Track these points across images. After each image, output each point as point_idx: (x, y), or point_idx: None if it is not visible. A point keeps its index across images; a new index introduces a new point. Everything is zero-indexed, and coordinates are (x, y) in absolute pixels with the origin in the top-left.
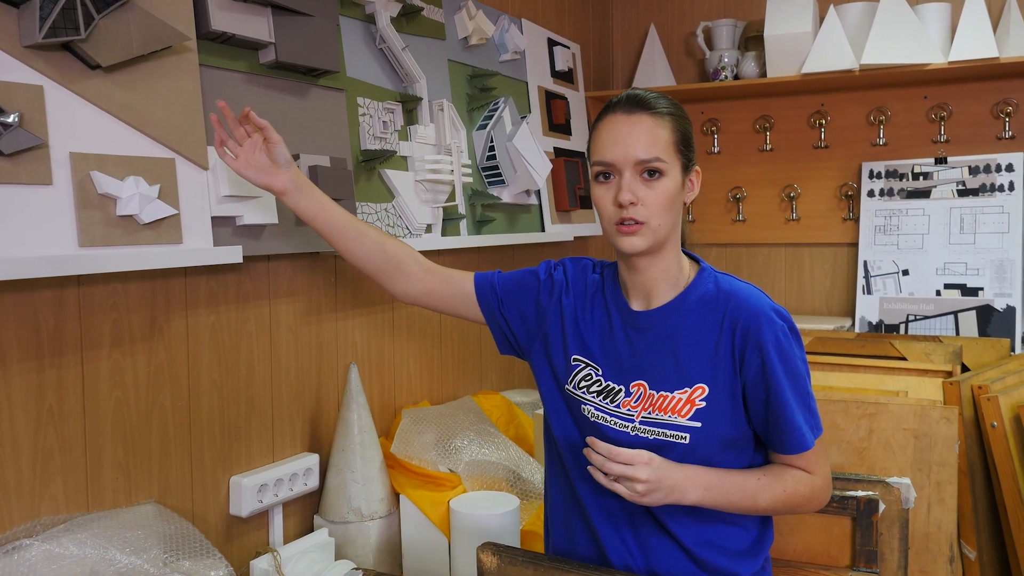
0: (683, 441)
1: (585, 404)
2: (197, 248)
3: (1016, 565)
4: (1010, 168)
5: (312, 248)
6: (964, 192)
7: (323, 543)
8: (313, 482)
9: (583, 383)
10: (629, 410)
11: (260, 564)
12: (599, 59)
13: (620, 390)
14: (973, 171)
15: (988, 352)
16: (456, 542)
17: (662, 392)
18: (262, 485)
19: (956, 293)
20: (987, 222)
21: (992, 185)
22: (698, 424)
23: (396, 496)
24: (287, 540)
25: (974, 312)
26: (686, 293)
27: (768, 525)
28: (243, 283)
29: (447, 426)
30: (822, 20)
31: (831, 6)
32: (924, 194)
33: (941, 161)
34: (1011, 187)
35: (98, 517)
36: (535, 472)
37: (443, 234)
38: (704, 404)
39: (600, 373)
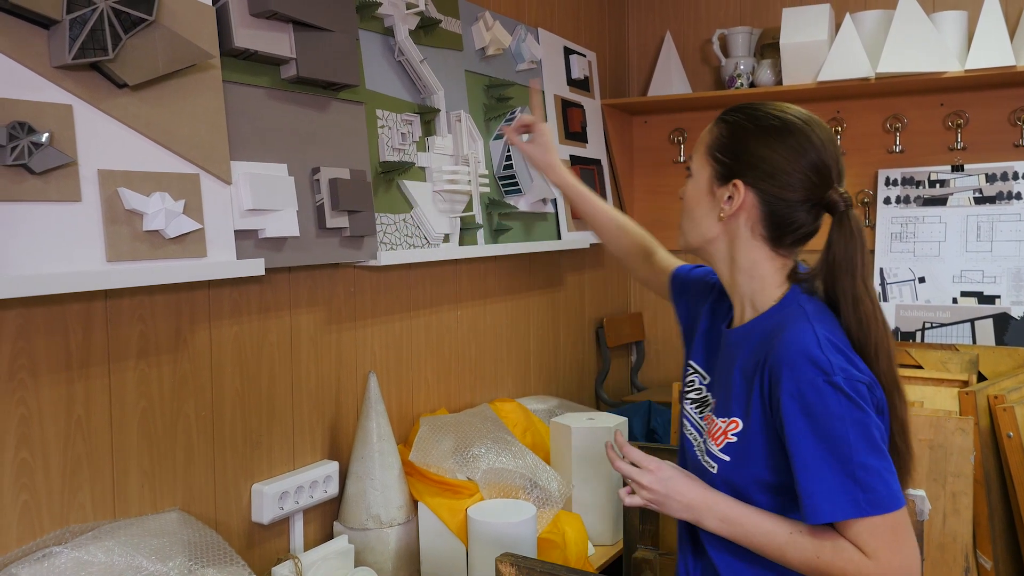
0: (711, 470)
1: (683, 411)
2: (221, 261)
3: None
4: None
5: (332, 259)
6: (981, 200)
7: (343, 550)
8: (333, 489)
9: (688, 387)
10: (704, 424)
11: (281, 571)
12: (615, 67)
13: (712, 404)
14: (990, 178)
15: (1005, 361)
16: (473, 550)
17: (713, 416)
18: (283, 492)
19: (973, 301)
20: (1004, 229)
21: (1009, 193)
22: (726, 458)
23: (414, 503)
24: (307, 547)
25: (991, 320)
26: (758, 321)
27: None
28: (265, 294)
29: (464, 434)
30: (838, 28)
31: (847, 14)
32: (941, 201)
33: (958, 168)
34: None
35: (124, 525)
36: (552, 480)
37: (460, 243)
38: (735, 439)
39: (706, 382)
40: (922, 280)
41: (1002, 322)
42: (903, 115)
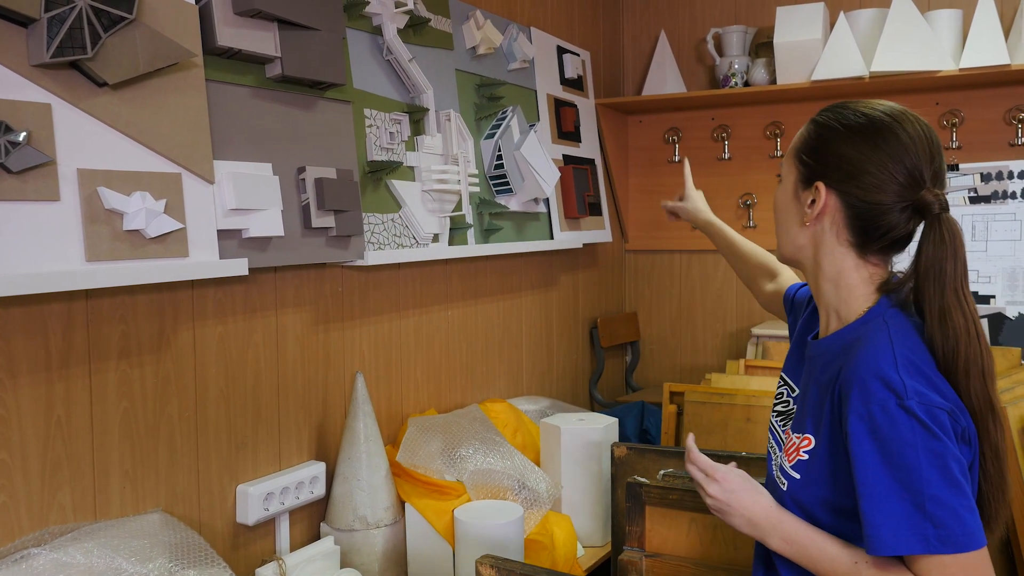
0: (782, 487)
1: (771, 424)
2: (203, 261)
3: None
4: (1022, 175)
5: (318, 259)
6: (976, 199)
7: (328, 551)
8: (319, 490)
9: (776, 399)
10: (784, 439)
11: (265, 572)
12: (609, 66)
13: (793, 417)
14: (985, 178)
15: (999, 361)
16: (460, 551)
17: (790, 430)
18: (268, 493)
19: None
20: (999, 229)
21: (1004, 192)
22: (796, 476)
23: (402, 505)
24: (293, 548)
25: (986, 320)
26: (841, 334)
27: None
28: (250, 294)
29: (453, 435)
30: (832, 27)
31: (841, 13)
32: None
33: (953, 168)
34: (1023, 194)
35: (105, 526)
36: (540, 481)
37: (451, 243)
38: (806, 457)
39: (794, 394)
40: None
41: (997, 322)
42: None
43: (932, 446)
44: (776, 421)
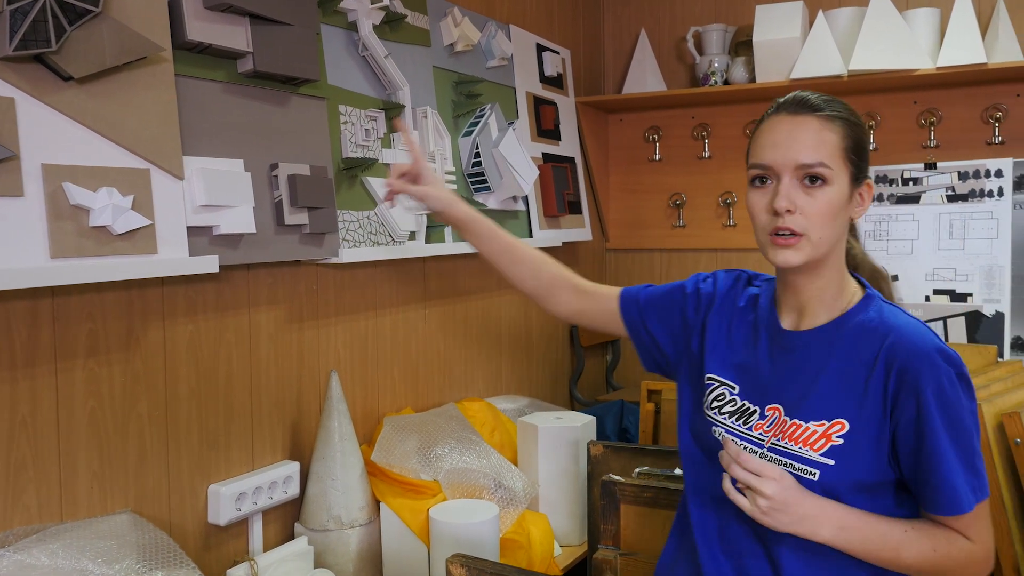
0: (811, 477)
1: (716, 426)
2: (172, 258)
3: (999, 572)
4: (999, 174)
5: (291, 257)
6: (953, 197)
7: (302, 551)
8: (293, 490)
9: (716, 403)
10: (760, 434)
11: (237, 573)
12: (589, 64)
13: (755, 411)
14: (963, 176)
15: (976, 359)
16: (435, 551)
17: (796, 420)
18: (241, 493)
19: (945, 299)
20: (976, 228)
21: (981, 191)
22: (831, 462)
23: (377, 504)
24: (267, 548)
25: (963, 318)
26: (844, 318)
27: None
28: (222, 292)
29: (429, 434)
30: (811, 25)
31: (820, 11)
32: (914, 199)
33: (931, 166)
34: (1000, 193)
35: (72, 527)
36: (516, 480)
37: (427, 241)
38: (841, 441)
39: (736, 391)
40: (895, 278)
41: (974, 320)
42: (877, 113)
43: (972, 407)
44: (735, 423)
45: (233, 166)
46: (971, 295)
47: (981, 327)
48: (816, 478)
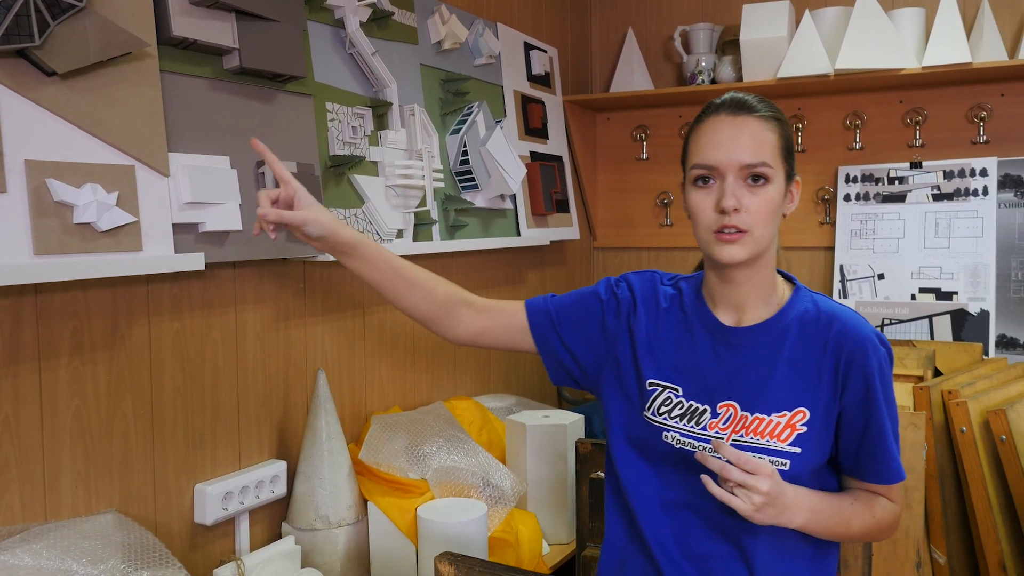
0: (783, 467)
1: (668, 431)
2: (157, 255)
3: (985, 568)
4: (984, 173)
5: (280, 254)
6: (939, 196)
7: (289, 551)
8: (280, 489)
9: (664, 408)
10: (717, 432)
11: (223, 573)
12: (577, 63)
13: (705, 410)
14: (948, 175)
15: (961, 357)
16: (423, 550)
17: (757, 415)
18: (227, 493)
19: (931, 297)
20: (961, 226)
21: (967, 190)
22: (798, 450)
23: (364, 503)
24: (254, 548)
25: (948, 316)
26: (784, 311)
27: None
28: (208, 290)
29: (417, 432)
30: (798, 25)
31: (807, 11)
32: (899, 198)
33: (916, 165)
34: (985, 192)
35: (56, 527)
36: (505, 478)
37: (415, 239)
38: (805, 429)
39: (680, 393)
40: (881, 277)
41: (959, 318)
42: (863, 112)
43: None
44: (687, 425)
45: (219, 163)
46: (956, 293)
47: (966, 325)
48: (787, 468)
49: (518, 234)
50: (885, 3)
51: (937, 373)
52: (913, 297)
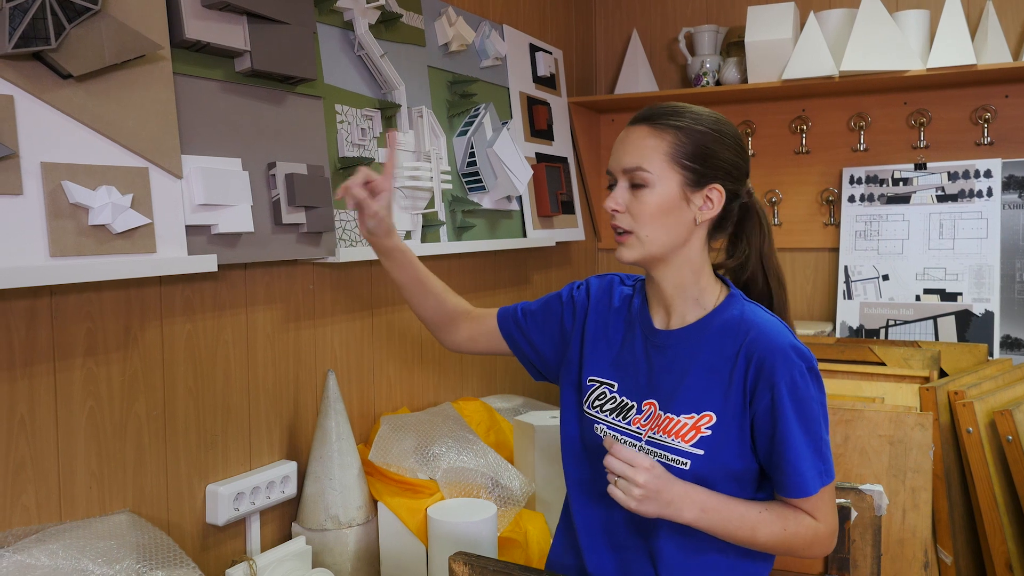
0: (683, 467)
1: (598, 423)
2: (171, 257)
3: (991, 569)
4: (988, 174)
5: (289, 256)
6: (943, 198)
7: (300, 551)
8: (291, 490)
9: (597, 402)
10: (638, 428)
11: (235, 573)
12: (582, 64)
13: (632, 407)
14: (952, 177)
15: (966, 357)
16: (433, 550)
17: (669, 414)
18: (239, 493)
19: (935, 298)
20: (966, 227)
21: (971, 191)
22: (700, 452)
23: (374, 504)
24: (264, 548)
25: (953, 317)
26: (710, 317)
27: None
28: (220, 291)
29: (426, 433)
30: (803, 26)
31: (811, 13)
32: (904, 200)
33: (921, 167)
34: (989, 193)
35: (71, 527)
36: (514, 479)
37: (423, 240)
38: (709, 433)
39: (615, 389)
40: (886, 278)
41: (964, 319)
42: (867, 114)
43: (821, 399)
44: (615, 419)
45: (231, 165)
46: (961, 294)
47: (971, 326)
48: (688, 468)
49: (524, 235)
50: (890, 5)
51: (943, 374)
52: (918, 298)
